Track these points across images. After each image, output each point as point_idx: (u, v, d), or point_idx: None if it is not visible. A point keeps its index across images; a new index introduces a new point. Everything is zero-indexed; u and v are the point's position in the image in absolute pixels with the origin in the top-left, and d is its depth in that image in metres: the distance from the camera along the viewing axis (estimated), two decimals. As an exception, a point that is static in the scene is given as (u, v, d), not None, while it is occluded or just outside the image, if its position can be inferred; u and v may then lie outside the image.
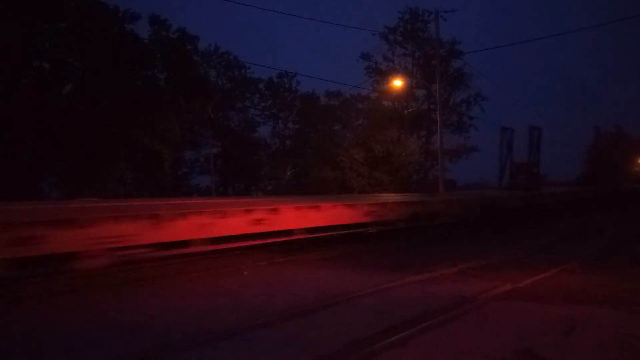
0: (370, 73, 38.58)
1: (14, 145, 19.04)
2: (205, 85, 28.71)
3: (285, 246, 10.18)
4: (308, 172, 32.24)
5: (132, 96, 21.36)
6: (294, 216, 9.84)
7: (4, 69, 19.25)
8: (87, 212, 7.19)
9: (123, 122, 20.67)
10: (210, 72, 35.79)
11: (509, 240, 13.28)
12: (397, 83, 32.69)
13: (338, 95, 39.05)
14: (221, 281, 7.80)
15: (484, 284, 7.10)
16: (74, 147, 19.99)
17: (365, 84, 37.85)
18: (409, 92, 36.53)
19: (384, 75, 36.78)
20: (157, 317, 5.66)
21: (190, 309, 6.05)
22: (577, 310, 5.64)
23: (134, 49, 21.86)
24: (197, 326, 5.16)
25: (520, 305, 5.96)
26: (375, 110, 36.14)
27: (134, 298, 6.65)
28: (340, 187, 27.91)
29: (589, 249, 11.02)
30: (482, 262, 9.04)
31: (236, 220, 8.69)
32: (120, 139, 21.07)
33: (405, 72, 36.07)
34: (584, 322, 5.18)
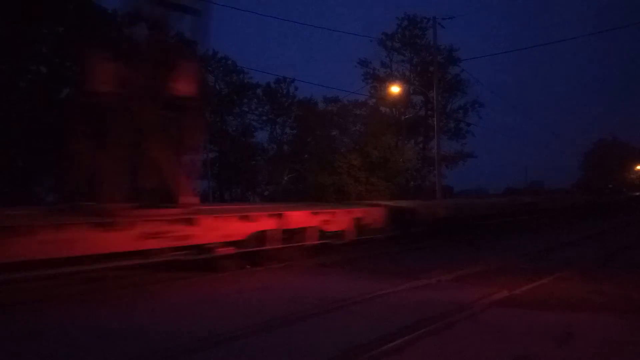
0: (367, 79, 38.78)
1: (10, 149, 18.98)
2: (202, 89, 28.69)
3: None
4: (305, 178, 32.21)
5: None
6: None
7: (2, 72, 19.22)
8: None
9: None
10: (208, 77, 35.82)
11: (506, 246, 13.27)
12: (395, 89, 32.80)
13: (336, 101, 39.12)
14: (218, 286, 7.76)
15: (481, 290, 7.09)
16: (70, 152, 19.92)
17: (362, 90, 38.00)
18: (406, 98, 36.65)
19: (382, 81, 36.94)
20: (154, 323, 5.62)
21: (188, 314, 6.02)
22: (575, 317, 5.64)
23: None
24: (194, 331, 5.13)
25: (517, 312, 5.94)
26: (372, 116, 36.20)
27: (128, 305, 6.59)
28: (338, 193, 27.87)
29: (587, 256, 11.02)
30: (478, 269, 9.03)
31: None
32: (117, 144, 21.01)
33: (403, 79, 36.22)
34: (581, 329, 5.17)
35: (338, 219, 10.99)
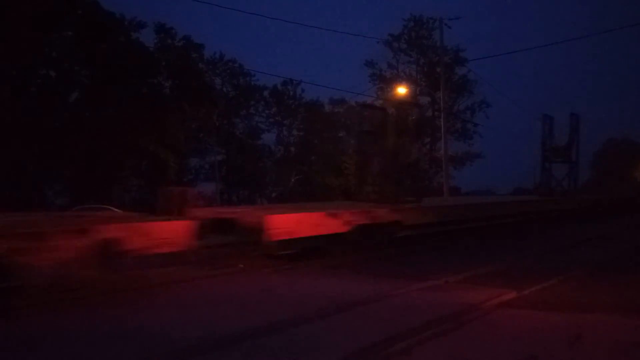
0: (374, 80, 38.82)
1: (20, 152, 19.18)
2: (210, 92, 28.85)
3: (290, 253, 10.18)
4: (312, 179, 32.29)
5: (138, 104, 21.49)
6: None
7: (12, 76, 19.43)
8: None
9: (128, 129, 20.79)
10: (215, 80, 36.00)
11: (514, 247, 13.21)
12: (401, 90, 32.79)
13: (342, 102, 39.18)
14: (225, 287, 7.79)
15: (489, 291, 7.05)
16: (80, 155, 20.11)
17: (369, 91, 38.02)
18: (413, 99, 36.62)
19: (388, 82, 36.96)
20: (163, 323, 5.64)
21: (197, 315, 6.04)
22: (583, 319, 5.60)
23: (140, 57, 22.03)
24: (203, 332, 5.15)
25: (525, 314, 5.92)
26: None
27: (131, 306, 6.60)
28: (345, 194, 27.88)
29: (595, 256, 10.94)
30: (487, 270, 8.98)
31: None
32: (125, 147, 21.17)
33: (410, 80, 36.21)
34: (589, 331, 5.13)
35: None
